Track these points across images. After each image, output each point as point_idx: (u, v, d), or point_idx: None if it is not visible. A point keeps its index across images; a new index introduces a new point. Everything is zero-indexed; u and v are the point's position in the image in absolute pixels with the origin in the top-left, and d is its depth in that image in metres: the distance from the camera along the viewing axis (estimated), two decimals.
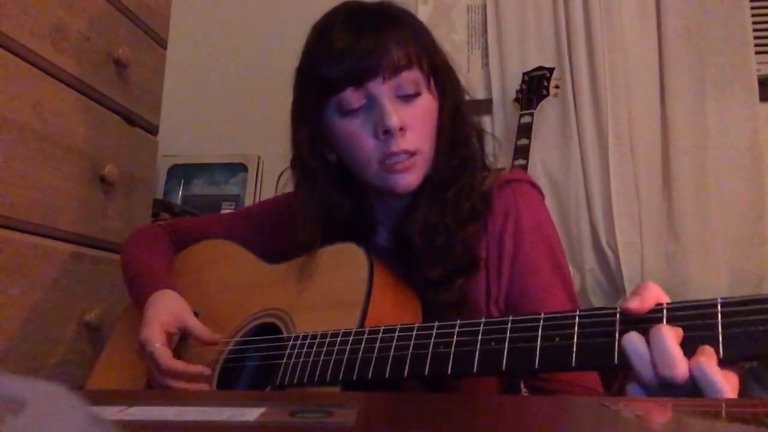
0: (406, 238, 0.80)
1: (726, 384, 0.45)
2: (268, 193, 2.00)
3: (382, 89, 0.76)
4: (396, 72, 0.75)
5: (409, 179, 0.78)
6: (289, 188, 0.88)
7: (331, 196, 0.83)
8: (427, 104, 0.79)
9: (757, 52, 1.85)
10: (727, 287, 1.74)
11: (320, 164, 0.83)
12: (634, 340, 0.49)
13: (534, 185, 0.84)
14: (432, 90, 0.80)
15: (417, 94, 0.78)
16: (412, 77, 0.77)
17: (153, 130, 1.34)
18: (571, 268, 1.73)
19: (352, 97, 0.76)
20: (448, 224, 0.78)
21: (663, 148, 1.87)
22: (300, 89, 0.83)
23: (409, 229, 0.79)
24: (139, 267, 0.92)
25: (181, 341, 0.83)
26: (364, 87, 0.75)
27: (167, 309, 0.82)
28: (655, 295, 0.52)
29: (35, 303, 1.01)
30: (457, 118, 0.83)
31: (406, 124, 0.76)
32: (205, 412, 0.41)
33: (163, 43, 1.36)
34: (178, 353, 0.81)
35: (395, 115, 0.75)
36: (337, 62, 0.76)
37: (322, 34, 0.79)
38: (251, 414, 0.37)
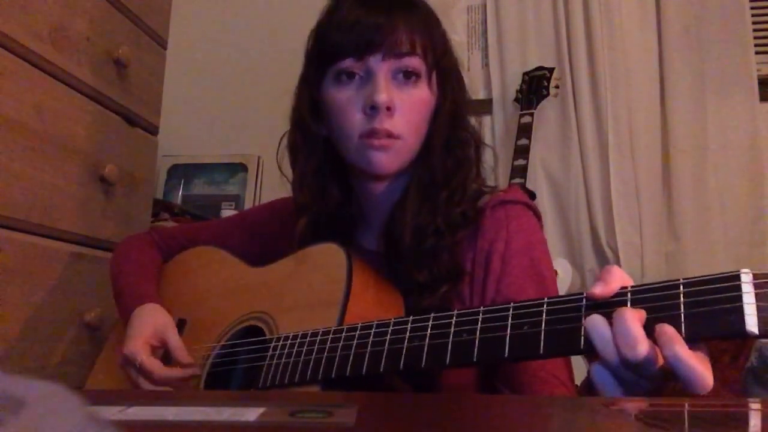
0: (394, 239, 0.79)
1: (699, 365, 0.45)
2: (268, 193, 2.00)
3: (380, 66, 0.76)
4: (397, 55, 0.76)
5: (385, 159, 0.76)
6: (287, 165, 0.87)
7: (323, 172, 0.83)
8: (422, 95, 0.78)
9: (757, 52, 1.85)
10: None
11: (316, 131, 0.83)
12: (595, 321, 0.50)
13: (529, 206, 0.82)
14: (432, 85, 0.79)
15: (415, 83, 0.77)
16: (413, 64, 0.77)
17: (153, 130, 1.34)
18: (571, 269, 1.75)
19: (351, 67, 0.77)
20: (439, 227, 0.77)
21: (663, 148, 1.87)
22: (307, 56, 0.83)
23: (398, 229, 0.79)
24: (124, 281, 0.92)
25: (166, 353, 0.83)
26: (364, 60, 0.76)
27: (150, 323, 0.82)
28: (618, 278, 0.53)
29: (35, 303, 1.01)
30: (456, 121, 0.82)
31: (395, 106, 0.76)
32: (205, 412, 0.41)
33: (163, 43, 1.36)
34: (166, 361, 0.81)
35: (385, 92, 0.74)
36: (344, 32, 0.77)
37: (335, 6, 0.80)
38: (251, 414, 0.37)
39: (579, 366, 1.54)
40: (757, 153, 1.81)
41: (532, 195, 1.77)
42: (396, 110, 0.76)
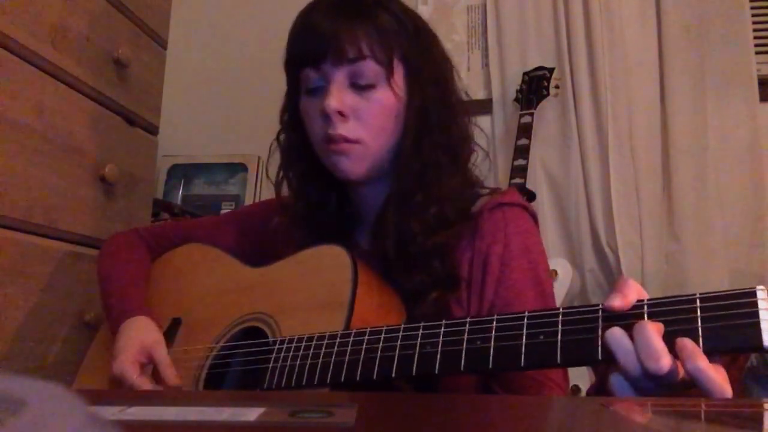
0: (381, 243, 0.79)
1: (719, 377, 0.47)
2: (268, 193, 2.00)
3: (335, 73, 0.77)
4: (348, 60, 0.76)
5: (347, 164, 0.78)
6: (277, 159, 0.89)
7: (309, 175, 0.85)
8: (381, 98, 0.78)
9: (757, 52, 1.85)
10: (727, 287, 1.73)
11: (298, 138, 0.85)
12: (617, 335, 0.50)
13: (526, 209, 0.82)
14: (395, 86, 0.78)
15: (371, 86, 0.77)
16: (369, 68, 0.77)
17: (153, 130, 1.34)
18: (571, 269, 1.75)
19: (311, 76, 0.79)
20: (414, 231, 0.77)
21: (663, 148, 1.87)
22: (284, 67, 0.85)
23: (381, 235, 0.79)
24: (112, 287, 0.91)
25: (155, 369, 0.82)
26: (321, 68, 0.77)
27: (137, 339, 0.80)
28: (635, 291, 0.54)
29: (35, 303, 1.01)
30: (427, 122, 0.80)
31: (348, 111, 0.77)
32: (205, 412, 0.41)
33: (163, 43, 1.36)
34: (156, 377, 0.80)
35: (335, 99, 0.76)
36: (299, 43, 0.80)
37: (299, 15, 0.82)
38: (251, 414, 0.37)
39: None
40: (757, 153, 1.81)
41: (532, 195, 1.77)
42: (351, 115, 0.77)
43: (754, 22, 1.87)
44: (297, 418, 0.37)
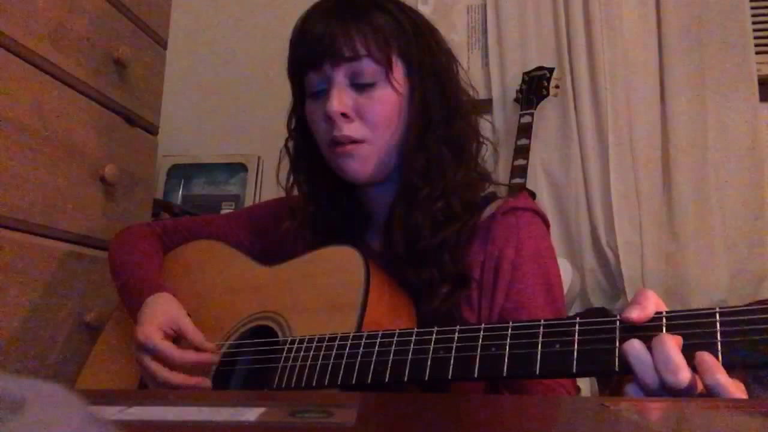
0: (391, 242, 0.79)
1: (737, 392, 0.47)
2: (268, 193, 2.00)
3: (335, 73, 0.77)
4: (346, 59, 0.76)
5: (355, 166, 0.79)
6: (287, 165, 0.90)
7: (318, 178, 0.85)
8: (383, 96, 0.78)
9: (757, 52, 1.85)
10: (727, 287, 1.74)
11: (306, 143, 0.86)
12: (637, 347, 0.50)
13: (538, 213, 0.82)
14: (395, 83, 0.78)
15: (371, 85, 0.78)
16: (368, 67, 0.77)
17: (153, 130, 1.34)
18: (571, 269, 1.75)
19: (313, 80, 0.79)
20: (422, 225, 0.77)
21: (663, 148, 1.87)
22: (288, 74, 0.86)
23: (392, 232, 0.79)
24: (130, 271, 0.90)
25: (175, 343, 0.82)
26: (322, 70, 0.78)
27: (162, 311, 0.80)
28: (653, 303, 0.53)
29: (35, 303, 1.01)
30: (427, 117, 0.80)
31: (351, 112, 0.77)
32: (205, 412, 0.41)
33: (163, 43, 1.36)
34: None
35: (336, 100, 0.76)
36: (297, 47, 0.81)
37: (297, 22, 0.82)
38: (251, 414, 0.37)
39: None
40: (757, 153, 1.81)
41: (532, 195, 1.77)
42: (355, 115, 0.77)
43: (754, 22, 1.87)
44: (297, 418, 0.37)
